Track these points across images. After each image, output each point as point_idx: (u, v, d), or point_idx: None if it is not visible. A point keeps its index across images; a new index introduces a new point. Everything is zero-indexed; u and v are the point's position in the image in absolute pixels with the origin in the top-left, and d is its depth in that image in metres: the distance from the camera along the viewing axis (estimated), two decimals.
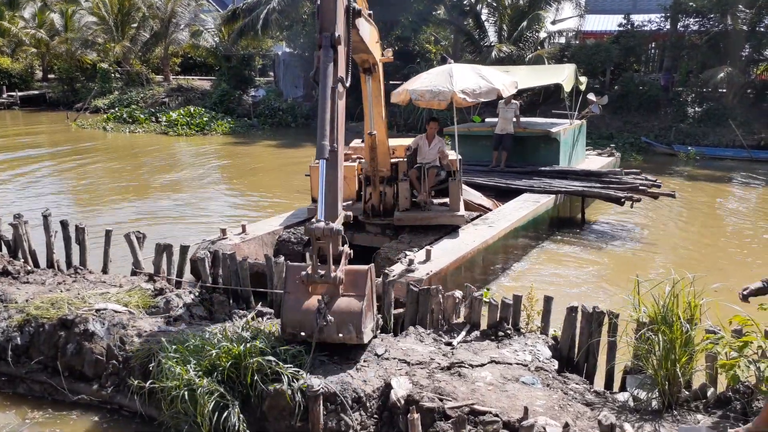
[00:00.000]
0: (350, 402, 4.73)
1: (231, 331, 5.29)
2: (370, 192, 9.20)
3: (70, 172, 18.21)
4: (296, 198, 13.33)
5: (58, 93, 37.06)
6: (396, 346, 5.51)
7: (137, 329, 5.79)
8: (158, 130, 27.31)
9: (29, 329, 5.92)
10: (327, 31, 5.28)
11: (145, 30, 37.21)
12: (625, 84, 25.94)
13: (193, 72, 42.14)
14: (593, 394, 5.00)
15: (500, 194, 11.53)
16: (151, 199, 14.74)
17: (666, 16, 27.25)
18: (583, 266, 10.06)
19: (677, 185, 16.99)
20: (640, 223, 12.69)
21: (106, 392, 5.52)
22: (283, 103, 30.62)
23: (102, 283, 7.08)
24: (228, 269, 6.77)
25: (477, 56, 27.85)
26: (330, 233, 4.82)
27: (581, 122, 15.18)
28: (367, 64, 7.92)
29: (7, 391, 5.80)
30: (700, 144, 23.13)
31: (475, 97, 9.37)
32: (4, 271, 7.28)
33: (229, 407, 4.60)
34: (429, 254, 7.58)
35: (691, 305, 4.73)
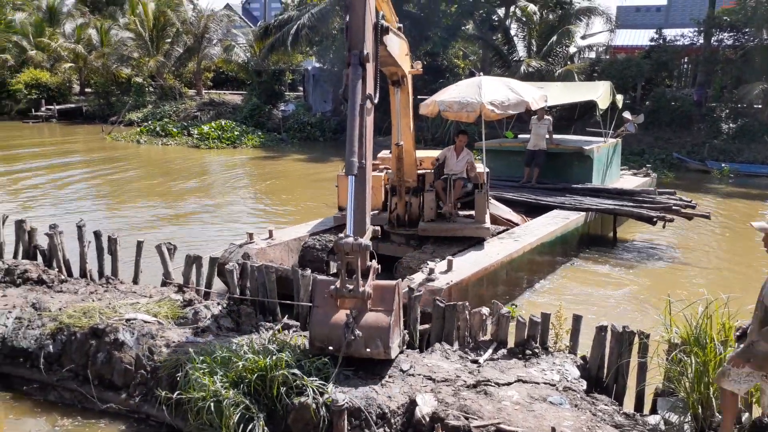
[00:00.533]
0: (375, 418, 4.70)
1: (257, 343, 5.32)
2: (395, 202, 9.23)
3: (104, 183, 18.63)
4: (323, 210, 13.42)
5: (94, 106, 38.10)
6: (421, 362, 5.47)
7: (166, 340, 5.86)
8: (190, 143, 27.82)
9: (61, 337, 6.03)
10: (356, 49, 5.34)
11: (178, 45, 38.09)
12: (657, 99, 25.61)
13: (224, 86, 42.97)
14: (623, 416, 4.89)
15: (530, 210, 11.44)
16: (182, 207, 14.99)
17: (699, 30, 26.90)
18: (614, 285, 9.88)
19: (711, 203, 16.65)
20: (673, 242, 12.44)
21: (134, 402, 5.58)
22: (312, 118, 30.96)
23: (132, 293, 7.20)
24: (256, 281, 6.83)
25: (506, 71, 27.79)
26: (358, 248, 4.84)
27: (616, 141, 14.96)
28: (396, 77, 7.96)
29: (38, 398, 5.91)
30: (734, 161, 22.65)
31: (504, 110, 9.34)
32: (39, 279, 7.45)
33: (254, 420, 4.61)
34: (450, 264, 7.55)
35: (725, 327, 4.61)
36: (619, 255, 11.52)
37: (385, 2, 6.75)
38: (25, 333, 6.17)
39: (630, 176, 15.86)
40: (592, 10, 29.89)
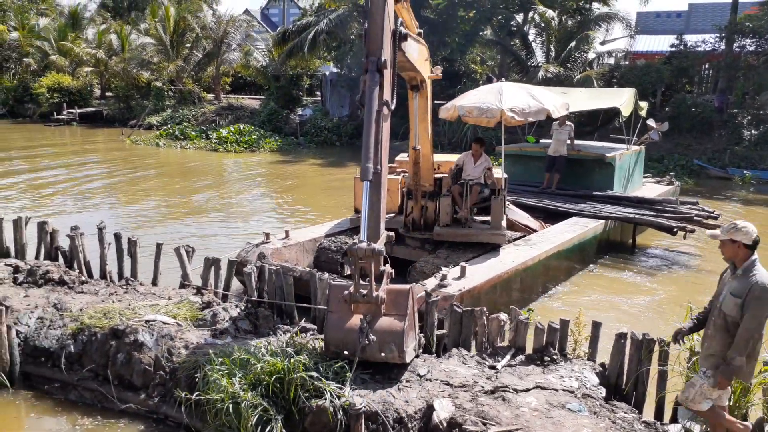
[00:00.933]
0: (392, 422, 4.70)
1: (275, 345, 5.35)
2: (411, 206, 9.23)
3: (124, 185, 18.86)
4: (340, 212, 13.45)
5: (114, 110, 38.62)
6: (438, 367, 5.45)
7: (184, 341, 5.91)
8: (208, 147, 28.06)
9: (82, 338, 6.11)
10: (373, 56, 5.36)
11: (198, 50, 38.50)
12: (677, 105, 25.33)
13: (242, 91, 43.34)
14: (642, 424, 4.83)
15: (549, 216, 11.37)
16: (201, 209, 15.12)
17: (721, 36, 26.58)
18: (633, 292, 9.78)
19: (732, 210, 16.42)
20: (694, 250, 12.28)
21: (153, 402, 5.63)
22: (329, 123, 31.09)
23: (152, 294, 7.27)
24: (273, 284, 6.86)
25: (524, 76, 27.71)
26: (372, 254, 4.85)
27: (640, 148, 14.79)
28: (415, 81, 7.97)
29: (59, 397, 5.98)
30: (756, 168, 22.32)
31: (524, 117, 9.30)
32: (61, 280, 7.55)
33: (272, 422, 4.63)
34: (464, 271, 7.52)
35: None
36: (638, 262, 11.40)
37: (405, 8, 6.77)
38: (47, 333, 6.26)
39: (653, 184, 15.62)
40: (611, 16, 29.70)
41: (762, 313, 4.04)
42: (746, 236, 4.16)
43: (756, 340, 4.10)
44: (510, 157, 13.95)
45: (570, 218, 11.08)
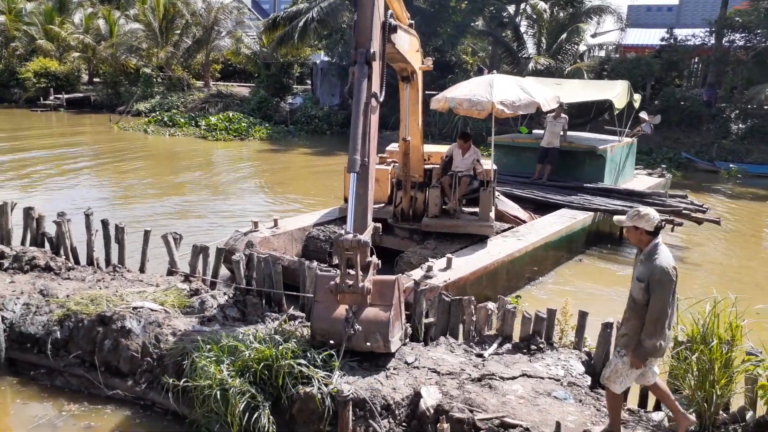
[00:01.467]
0: (379, 409, 4.73)
1: (263, 333, 5.35)
2: (400, 196, 9.23)
3: (111, 172, 18.69)
4: (329, 201, 13.43)
5: (102, 96, 38.17)
6: (426, 355, 5.49)
7: (172, 328, 5.89)
8: (197, 135, 27.85)
9: (69, 324, 6.08)
10: (362, 47, 5.33)
11: (187, 37, 38.07)
12: (666, 99, 25.48)
13: (232, 78, 42.95)
14: (627, 411, 4.90)
15: (539, 207, 11.41)
16: (189, 196, 15.04)
17: (711, 30, 26.72)
18: (619, 282, 9.85)
19: (718, 203, 16.58)
20: (681, 242, 12.39)
21: (140, 388, 5.63)
22: (320, 111, 30.94)
23: (139, 281, 7.24)
24: (262, 272, 6.85)
25: (515, 68, 27.69)
26: (358, 245, 4.86)
27: (631, 140, 14.84)
28: (406, 72, 7.95)
29: (45, 383, 5.96)
30: (743, 161, 22.53)
31: (514, 110, 9.31)
32: (47, 267, 7.49)
33: (260, 408, 4.64)
34: (450, 262, 7.55)
35: (732, 326, 4.60)
36: (625, 253, 11.48)
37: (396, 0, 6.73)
38: (32, 319, 6.22)
39: (644, 176, 15.67)
40: (603, 8, 29.70)
41: (664, 295, 4.15)
42: (648, 223, 4.27)
43: (663, 320, 4.19)
44: (502, 148, 13.97)
45: (559, 210, 11.14)
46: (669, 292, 4.14)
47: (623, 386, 4.44)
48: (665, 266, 4.15)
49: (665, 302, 4.14)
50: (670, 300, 4.16)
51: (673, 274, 4.15)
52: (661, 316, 4.15)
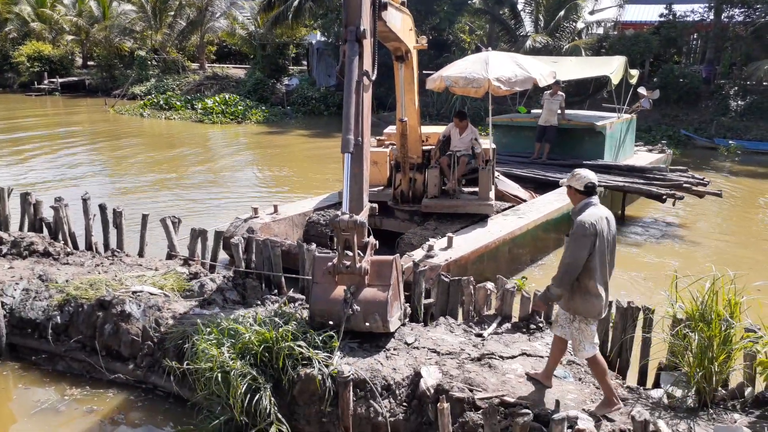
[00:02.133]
0: (380, 389, 4.75)
1: (263, 315, 5.36)
2: (399, 178, 9.19)
3: (108, 156, 18.62)
4: (329, 185, 13.40)
5: (97, 79, 37.89)
6: (426, 335, 5.50)
7: (172, 311, 5.90)
8: (194, 118, 27.69)
9: (69, 309, 6.09)
10: (352, 25, 5.26)
11: (181, 18, 37.69)
12: (665, 76, 25.29)
13: (227, 60, 42.62)
14: (626, 389, 4.93)
15: (539, 186, 11.37)
16: (187, 181, 14.99)
17: (710, 6, 26.45)
18: (620, 261, 9.87)
19: (718, 180, 16.55)
20: (682, 219, 12.39)
21: (141, 372, 5.66)
22: (316, 92, 30.74)
23: (138, 266, 7.24)
24: (261, 255, 6.84)
25: (512, 46, 27.47)
26: (354, 225, 4.84)
27: (631, 117, 14.74)
28: (400, 52, 7.86)
29: (47, 368, 5.99)
30: (741, 138, 22.46)
31: (511, 86, 9.23)
32: (45, 252, 7.49)
33: (261, 390, 4.66)
34: (450, 241, 7.55)
35: (731, 303, 4.61)
36: (627, 232, 11.49)
37: None
38: (32, 304, 6.23)
39: (645, 153, 15.60)
40: None
41: (574, 246, 4.29)
42: (578, 182, 4.48)
43: (571, 272, 4.31)
44: (501, 128, 13.89)
45: (559, 188, 11.10)
46: (580, 246, 4.26)
47: (589, 350, 4.50)
48: (582, 221, 4.31)
49: (574, 255, 4.27)
50: (582, 254, 4.25)
51: (588, 230, 4.26)
52: (568, 267, 4.30)
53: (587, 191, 4.46)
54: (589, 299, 4.37)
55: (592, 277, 4.32)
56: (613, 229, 4.46)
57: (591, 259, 4.28)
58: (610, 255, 4.44)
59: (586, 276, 4.32)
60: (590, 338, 4.50)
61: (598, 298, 4.36)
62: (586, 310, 4.40)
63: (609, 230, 4.39)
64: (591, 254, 4.27)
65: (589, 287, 4.34)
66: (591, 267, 4.29)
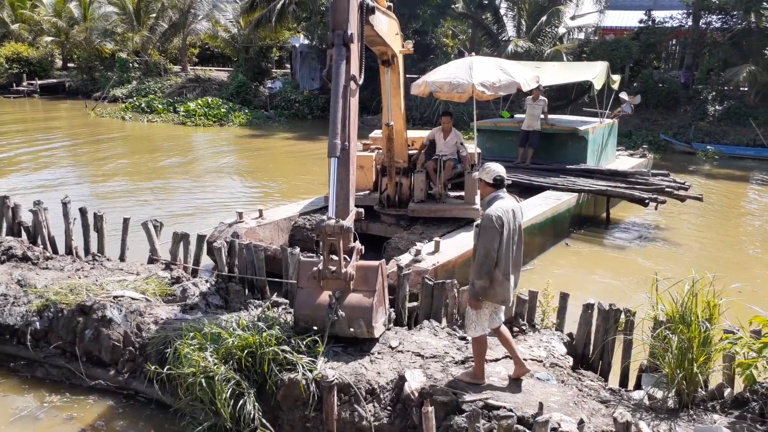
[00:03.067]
0: (364, 393, 4.74)
1: (247, 320, 5.33)
2: (386, 182, 9.20)
3: (89, 159, 18.39)
4: (313, 189, 13.37)
5: (77, 82, 37.41)
6: (410, 339, 5.51)
7: (154, 316, 5.85)
8: (176, 120, 27.46)
9: (48, 314, 6.00)
10: (339, 29, 5.25)
11: (163, 20, 37.38)
12: (645, 81, 25.64)
13: (210, 63, 42.34)
14: (608, 391, 4.98)
15: (523, 191, 11.44)
16: (170, 185, 14.86)
17: (688, 12, 26.89)
18: (603, 264, 9.99)
19: (696, 184, 16.80)
20: (663, 222, 12.55)
21: (122, 378, 5.59)
22: (300, 95, 30.66)
23: (119, 270, 7.15)
24: (244, 259, 6.81)
25: (495, 51, 27.64)
26: (340, 230, 4.83)
27: (612, 121, 14.92)
28: (386, 56, 7.88)
29: (25, 375, 5.89)
30: (719, 142, 22.84)
31: (495, 91, 9.30)
32: (24, 257, 7.37)
33: (245, 395, 4.63)
34: (438, 246, 7.57)
35: (710, 305, 4.68)
36: (610, 235, 11.63)
37: None
38: (11, 310, 6.13)
39: (626, 157, 15.82)
40: None
41: (484, 239, 4.52)
42: (488, 175, 4.73)
43: (487, 263, 4.51)
44: (485, 133, 13.98)
45: (543, 192, 11.20)
46: (490, 238, 4.48)
47: (477, 331, 4.74)
48: (490, 213, 4.54)
49: (486, 246, 4.49)
50: (493, 245, 4.48)
51: (496, 222, 4.48)
52: (485, 259, 4.50)
53: (496, 184, 4.71)
54: (493, 286, 4.60)
55: (497, 266, 4.55)
56: (519, 221, 4.70)
57: (498, 249, 4.51)
58: (516, 246, 4.67)
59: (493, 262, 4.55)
60: (484, 321, 4.75)
61: (502, 286, 4.60)
62: (492, 295, 4.65)
63: (514, 222, 4.62)
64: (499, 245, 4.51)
65: (494, 275, 4.56)
66: (497, 257, 4.54)
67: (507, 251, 4.56)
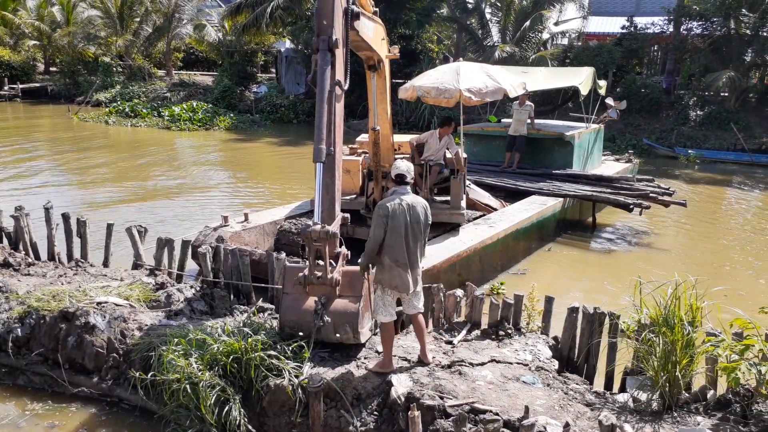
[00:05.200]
0: (350, 399, 4.73)
1: (232, 325, 5.30)
2: (372, 187, 9.19)
3: (72, 164, 18.20)
4: (299, 193, 13.34)
5: (60, 86, 37.07)
6: (397, 343, 5.51)
7: (138, 323, 5.79)
8: (161, 125, 27.29)
9: (30, 321, 5.92)
10: (324, 35, 5.24)
11: (147, 24, 37.17)
12: (627, 86, 25.94)
13: (195, 67, 42.11)
14: (593, 394, 5.01)
15: (509, 195, 11.51)
16: (154, 190, 14.74)
17: (669, 19, 27.27)
18: (588, 268, 10.06)
19: (677, 188, 17.00)
20: (650, 228, 12.67)
21: (105, 385, 5.53)
22: (285, 100, 30.60)
23: (103, 276, 7.09)
24: (229, 264, 6.77)
25: (480, 56, 27.80)
26: (326, 236, 4.81)
27: (598, 127, 15.06)
28: (372, 61, 7.88)
29: (6, 383, 5.81)
30: (701, 147, 23.15)
31: (481, 96, 9.35)
32: (5, 263, 7.29)
33: (231, 401, 4.60)
34: None
35: (692, 308, 4.73)
36: (595, 240, 11.73)
37: None
38: None
39: (612, 162, 15.97)
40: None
41: (373, 225, 4.99)
42: (393, 172, 5.19)
43: (373, 247, 4.96)
44: (472, 137, 14.04)
45: (530, 197, 11.27)
46: (376, 225, 4.94)
47: (384, 316, 5.06)
48: (379, 204, 5.03)
49: (373, 232, 4.96)
50: (378, 231, 4.93)
51: (381, 212, 4.93)
52: (370, 243, 4.98)
53: (397, 180, 5.14)
54: (383, 271, 4.99)
55: (387, 253, 4.94)
56: (418, 215, 5.02)
57: (386, 237, 4.90)
58: (414, 239, 4.99)
59: (381, 251, 4.97)
60: (389, 307, 5.07)
61: (391, 273, 4.95)
62: (382, 280, 5.02)
63: (410, 215, 4.97)
64: (386, 233, 4.89)
65: (384, 261, 4.97)
66: (385, 244, 4.93)
67: (396, 240, 4.91)
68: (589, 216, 12.58)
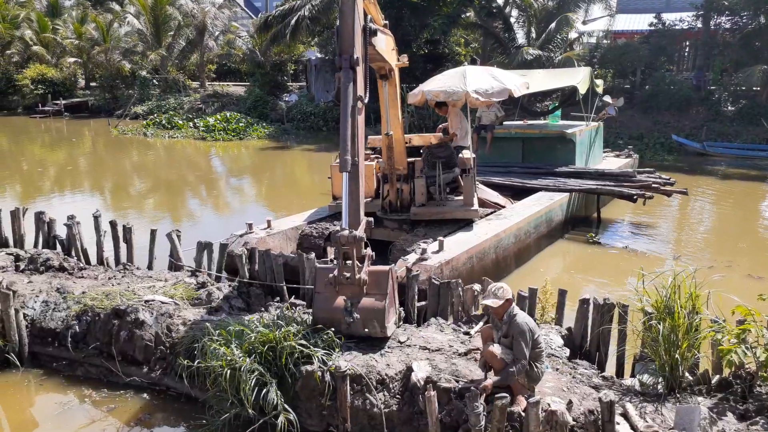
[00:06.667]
0: (374, 383, 5.18)
1: (267, 318, 5.80)
2: (387, 189, 9.58)
3: (115, 174, 19.12)
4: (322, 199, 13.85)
5: (100, 100, 38.58)
6: (417, 335, 5.94)
7: (182, 318, 6.35)
8: (196, 136, 28.25)
9: (86, 318, 6.54)
10: (346, 54, 5.72)
11: (180, 38, 38.42)
12: (656, 83, 25.82)
13: (227, 78, 43.28)
14: (600, 378, 5.35)
15: (516, 193, 11.83)
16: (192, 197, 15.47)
17: (698, 14, 27.03)
18: (597, 261, 10.32)
19: (709, 184, 17.02)
20: (653, 221, 12.91)
21: (155, 375, 6.10)
22: (315, 108, 31.29)
23: (148, 277, 7.69)
24: (264, 265, 7.30)
25: (506, 58, 27.99)
26: (354, 240, 5.29)
27: (598, 124, 15.37)
28: (384, 71, 8.30)
29: (67, 374, 6.43)
30: (732, 143, 22.94)
31: (488, 97, 9.77)
32: (61, 267, 7.94)
33: (268, 385, 5.10)
34: (442, 244, 7.97)
35: (692, 296, 5.04)
36: (602, 233, 12.05)
37: (372, 3, 7.09)
38: (52, 315, 6.68)
39: (612, 158, 16.34)
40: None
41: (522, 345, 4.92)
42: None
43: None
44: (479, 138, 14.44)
45: (536, 193, 11.59)
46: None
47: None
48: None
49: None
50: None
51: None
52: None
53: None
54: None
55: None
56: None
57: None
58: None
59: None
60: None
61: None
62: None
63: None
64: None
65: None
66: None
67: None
68: (594, 211, 12.84)
